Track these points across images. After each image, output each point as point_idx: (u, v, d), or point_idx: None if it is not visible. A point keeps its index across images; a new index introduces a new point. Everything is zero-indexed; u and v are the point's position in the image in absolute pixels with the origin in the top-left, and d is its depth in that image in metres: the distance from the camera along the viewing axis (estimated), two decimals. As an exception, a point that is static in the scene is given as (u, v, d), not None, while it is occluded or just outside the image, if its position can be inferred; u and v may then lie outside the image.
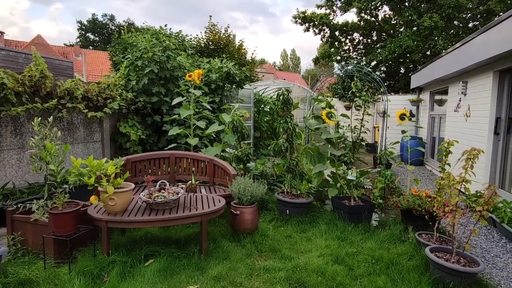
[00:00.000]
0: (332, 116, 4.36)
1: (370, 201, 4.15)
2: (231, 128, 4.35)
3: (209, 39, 14.21)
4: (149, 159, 4.36)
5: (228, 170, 4.03)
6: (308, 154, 4.55)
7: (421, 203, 3.65)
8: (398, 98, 12.82)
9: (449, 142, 3.22)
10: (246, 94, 8.84)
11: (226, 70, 7.03)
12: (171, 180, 4.45)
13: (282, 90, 4.41)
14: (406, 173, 8.40)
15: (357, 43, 18.89)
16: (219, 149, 4.83)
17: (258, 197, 3.56)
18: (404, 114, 4.51)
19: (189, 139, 5.03)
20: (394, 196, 4.02)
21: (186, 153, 4.48)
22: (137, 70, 6.26)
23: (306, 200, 4.16)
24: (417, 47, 13.49)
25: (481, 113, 5.61)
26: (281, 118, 4.39)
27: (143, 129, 6.28)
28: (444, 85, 7.96)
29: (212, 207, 3.08)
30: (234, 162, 4.38)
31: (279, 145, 4.32)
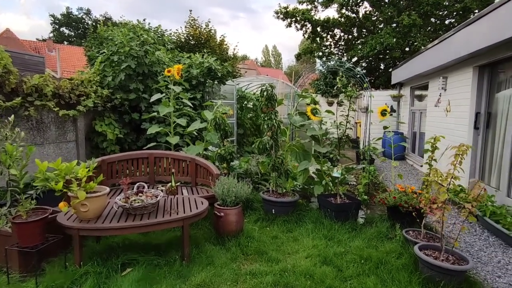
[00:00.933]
0: (317, 112, 4.26)
1: (356, 198, 4.10)
2: (213, 126, 4.18)
3: (189, 34, 13.84)
4: (126, 159, 4.11)
5: (211, 169, 3.86)
6: (293, 152, 4.43)
7: (408, 200, 3.62)
8: (379, 94, 12.97)
9: (435, 138, 3.19)
10: (229, 91, 8.65)
11: (207, 65, 6.80)
12: (150, 182, 4.22)
13: (265, 86, 4.27)
14: (389, 168, 8.49)
15: (338, 39, 18.99)
16: (201, 147, 4.63)
17: (243, 197, 3.41)
18: (385, 110, 4.48)
19: (169, 138, 4.80)
20: (380, 193, 3.98)
21: (166, 153, 4.26)
22: (113, 66, 5.94)
23: (292, 199, 4.05)
24: (397, 44, 13.68)
25: (461, 108, 5.69)
26: (265, 114, 4.25)
27: (121, 127, 5.98)
28: (424, 80, 8.07)
29: (194, 210, 2.91)
30: (217, 161, 4.21)
31: (263, 143, 4.18)
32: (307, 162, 4.16)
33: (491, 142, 5.14)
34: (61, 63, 16.98)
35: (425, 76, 7.83)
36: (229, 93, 8.64)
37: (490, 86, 5.16)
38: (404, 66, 9.30)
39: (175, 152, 4.29)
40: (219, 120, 4.16)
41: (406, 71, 9.03)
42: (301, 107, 7.32)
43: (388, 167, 8.65)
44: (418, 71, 7.74)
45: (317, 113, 4.23)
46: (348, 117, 3.80)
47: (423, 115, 8.50)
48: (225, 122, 4.28)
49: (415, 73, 7.94)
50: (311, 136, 4.14)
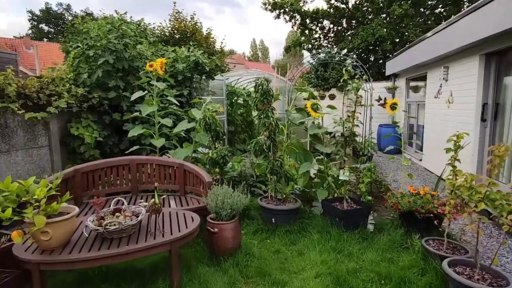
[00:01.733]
0: (318, 108, 3.83)
1: (365, 203, 3.70)
2: (203, 126, 3.71)
3: (174, 27, 13.18)
4: (104, 167, 3.60)
5: (201, 176, 3.39)
6: (292, 152, 4.01)
7: (423, 203, 3.24)
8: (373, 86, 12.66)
9: (458, 135, 2.80)
10: (218, 86, 8.14)
11: (194, 59, 6.27)
12: (133, 191, 3.73)
13: (261, 80, 3.81)
14: (386, 163, 8.19)
15: (327, 31, 18.60)
16: (190, 150, 4.15)
17: (240, 209, 2.96)
18: (395, 103, 4.09)
19: (153, 140, 4.30)
20: (390, 196, 3.59)
21: (150, 158, 3.77)
22: (89, 61, 5.36)
23: (294, 206, 3.63)
24: (389, 36, 13.36)
25: (466, 99, 5.36)
26: (261, 112, 3.80)
27: (101, 129, 5.43)
28: (422, 71, 7.75)
29: (183, 230, 2.45)
30: (209, 165, 3.75)
31: (260, 143, 3.74)
32: (308, 164, 3.74)
33: (499, 135, 4.84)
34: (40, 61, 16.05)
35: (423, 66, 7.50)
36: (218, 89, 8.13)
37: (498, 75, 4.83)
38: (399, 56, 8.97)
39: (160, 157, 3.79)
40: (209, 120, 3.69)
41: (402, 62, 8.70)
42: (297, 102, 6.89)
43: (385, 162, 8.34)
44: (416, 61, 7.40)
45: (318, 108, 3.80)
46: (355, 113, 3.38)
47: (420, 107, 8.20)
48: (216, 121, 3.81)
49: (413, 63, 7.60)
50: (312, 135, 3.72)
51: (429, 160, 7.03)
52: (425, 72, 7.55)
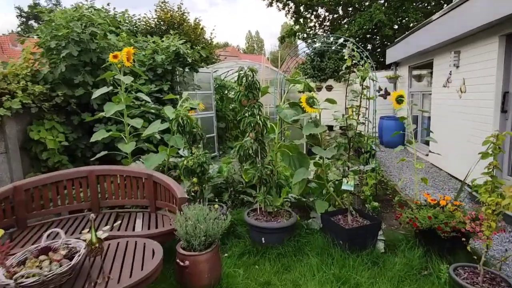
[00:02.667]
0: (314, 102, 3.18)
1: (374, 217, 3.07)
2: (175, 128, 3.06)
3: (160, 18, 12.38)
4: (55, 181, 2.94)
5: (173, 191, 2.75)
6: (285, 155, 3.37)
7: (446, 219, 2.62)
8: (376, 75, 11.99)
9: (498, 136, 2.16)
10: (205, 79, 7.44)
11: (174, 49, 5.58)
12: (94, 209, 3.08)
13: (244, 71, 3.15)
14: (390, 159, 7.58)
15: (323, 19, 17.81)
16: (163, 156, 3.50)
17: (218, 235, 2.33)
18: (402, 96, 3.45)
19: (121, 145, 3.64)
20: (407, 211, 2.96)
21: (113, 168, 3.12)
22: (50, 54, 4.67)
23: (287, 223, 3.00)
24: (388, 21, 12.62)
25: (483, 88, 4.72)
26: (245, 109, 3.15)
27: (70, 131, 4.76)
28: (427, 57, 7.08)
29: (137, 273, 1.81)
30: (184, 175, 3.10)
31: (245, 147, 3.09)
32: (304, 170, 3.10)
33: (522, 128, 4.23)
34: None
35: (429, 52, 6.84)
36: (205, 82, 7.44)
37: (521, 59, 4.20)
38: (401, 43, 8.29)
39: (125, 167, 3.14)
40: (183, 120, 3.04)
41: (404, 49, 8.03)
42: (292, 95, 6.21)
43: (388, 158, 7.73)
44: (421, 47, 6.74)
45: (314, 103, 3.15)
46: (361, 108, 2.74)
47: (425, 97, 7.56)
48: (192, 122, 3.15)
49: (417, 49, 6.93)
50: (309, 135, 3.07)
51: (437, 156, 6.42)
52: (431, 59, 6.89)
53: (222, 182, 4.22)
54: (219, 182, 4.11)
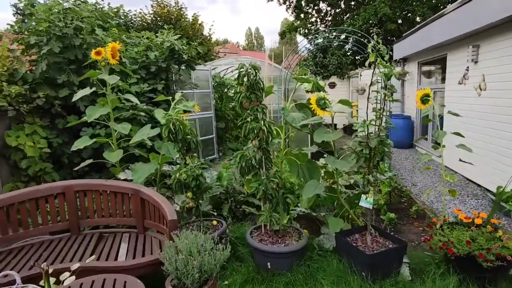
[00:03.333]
0: (326, 104, 2.75)
1: (399, 238, 2.63)
2: (166, 134, 2.63)
3: (156, 13, 11.89)
4: (25, 200, 2.51)
5: (162, 210, 2.33)
6: (292, 165, 2.94)
7: (487, 243, 2.20)
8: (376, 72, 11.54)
9: None
10: (203, 77, 7.00)
11: (168, 45, 5.14)
12: (73, 230, 2.66)
13: (246, 68, 2.72)
14: (400, 160, 7.15)
15: (324, 14, 17.32)
16: (154, 165, 3.08)
17: (215, 269, 1.91)
18: (427, 95, 3.02)
19: (107, 153, 3.21)
20: (437, 231, 2.52)
21: (94, 183, 2.69)
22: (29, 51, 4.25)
23: (297, 246, 2.58)
24: (393, 15, 12.13)
25: (508, 85, 4.28)
26: (247, 112, 2.72)
27: (55, 135, 4.35)
28: (440, 52, 6.63)
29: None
30: (176, 190, 2.68)
31: (247, 157, 2.66)
32: (315, 183, 2.67)
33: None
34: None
35: (441, 47, 6.39)
36: (203, 81, 7.00)
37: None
38: (411, 37, 7.83)
39: (108, 181, 2.71)
40: (175, 127, 2.61)
41: (414, 43, 7.57)
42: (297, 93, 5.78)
43: (398, 159, 7.30)
44: (433, 42, 6.28)
45: (326, 105, 2.72)
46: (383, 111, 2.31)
47: (436, 95, 7.12)
48: (185, 127, 2.73)
49: (429, 44, 6.48)
50: (320, 142, 2.64)
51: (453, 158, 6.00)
52: (444, 54, 6.44)
53: (222, 192, 3.80)
54: (219, 193, 3.69)
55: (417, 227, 3.73)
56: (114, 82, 3.21)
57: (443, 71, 7.11)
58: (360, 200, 2.48)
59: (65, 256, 2.33)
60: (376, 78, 2.39)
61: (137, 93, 4.93)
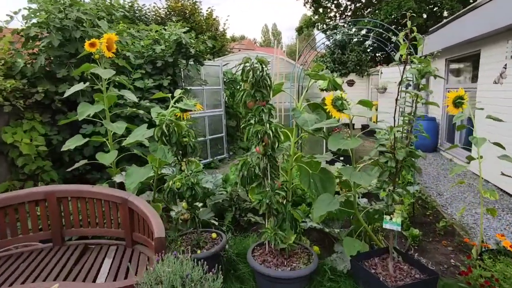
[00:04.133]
0: (344, 105, 2.36)
1: (426, 266, 2.20)
2: (158, 137, 2.32)
3: (170, 7, 11.68)
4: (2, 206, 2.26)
5: (150, 223, 2.02)
6: (303, 174, 2.57)
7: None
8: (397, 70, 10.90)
9: None
10: (213, 73, 6.69)
11: (175, 38, 4.85)
12: (56, 241, 2.39)
13: (250, 63, 2.37)
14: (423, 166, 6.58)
15: (344, 9, 16.64)
16: (150, 170, 2.78)
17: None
18: (461, 97, 2.57)
19: (100, 155, 2.94)
20: (476, 262, 2.09)
21: (79, 188, 2.41)
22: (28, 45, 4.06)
23: (306, 270, 2.20)
24: (419, 9, 11.40)
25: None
26: (251, 113, 2.37)
27: (55, 132, 4.17)
28: (472, 48, 6.03)
29: None
30: (168, 199, 2.37)
31: (249, 164, 2.31)
32: (328, 198, 2.29)
33: None
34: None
35: (475, 42, 5.79)
36: (213, 77, 6.68)
37: None
38: (439, 32, 7.23)
39: (96, 187, 2.42)
40: (169, 128, 2.29)
41: (442, 38, 6.97)
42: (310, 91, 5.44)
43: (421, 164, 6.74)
44: (466, 37, 5.70)
45: (343, 106, 2.33)
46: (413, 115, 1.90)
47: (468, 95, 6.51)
48: (181, 129, 2.41)
49: (461, 39, 5.90)
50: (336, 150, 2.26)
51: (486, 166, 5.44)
52: (476, 50, 5.84)
53: (226, 199, 3.47)
54: (221, 200, 3.36)
55: (445, 246, 3.28)
56: (109, 77, 2.93)
57: (474, 69, 6.50)
58: (384, 221, 2.08)
59: (41, 272, 2.06)
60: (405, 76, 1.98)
61: (141, 89, 4.68)
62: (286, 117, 6.31)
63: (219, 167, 6.54)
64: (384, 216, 2.07)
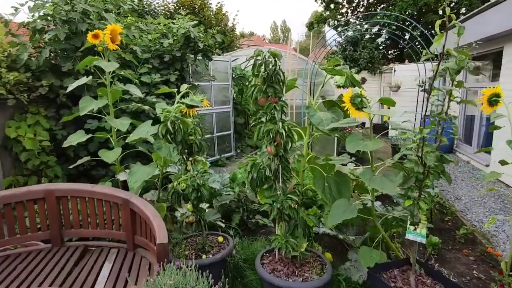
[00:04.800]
0: (364, 103, 2.17)
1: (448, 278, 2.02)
2: (162, 134, 2.16)
3: (179, 1, 11.52)
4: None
5: (152, 227, 1.88)
6: (317, 177, 2.39)
7: None
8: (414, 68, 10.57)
9: None
10: (222, 69, 6.53)
11: (183, 32, 4.69)
12: (54, 241, 2.28)
13: (263, 56, 2.20)
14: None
15: (356, 4, 16.26)
16: (154, 169, 2.64)
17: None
18: (498, 94, 2.35)
19: (103, 152, 2.81)
20: (505, 279, 1.90)
21: (79, 188, 2.29)
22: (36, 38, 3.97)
23: (318, 282, 2.03)
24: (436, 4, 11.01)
25: None
26: (262, 110, 2.20)
27: (60, 127, 4.09)
28: (493, 46, 5.74)
29: None
30: (173, 201, 2.22)
31: (259, 166, 2.15)
32: (345, 204, 2.11)
33: None
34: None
35: (497, 39, 5.50)
36: (222, 72, 6.52)
37: None
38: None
39: (96, 187, 2.29)
40: (174, 126, 2.14)
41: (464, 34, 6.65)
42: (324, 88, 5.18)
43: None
44: (488, 33, 5.41)
45: (363, 104, 2.14)
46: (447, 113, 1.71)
47: (486, 94, 6.21)
48: (188, 127, 2.25)
49: (483, 35, 5.60)
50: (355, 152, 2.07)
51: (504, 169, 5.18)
52: (499, 47, 5.55)
53: (234, 200, 3.32)
54: (228, 202, 3.21)
55: (466, 256, 3.07)
56: (113, 70, 2.79)
57: (495, 67, 6.20)
58: (407, 231, 1.89)
59: (38, 275, 1.95)
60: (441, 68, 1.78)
61: (148, 84, 4.55)
62: (298, 115, 6.12)
63: (226, 165, 6.40)
64: (408, 226, 1.88)
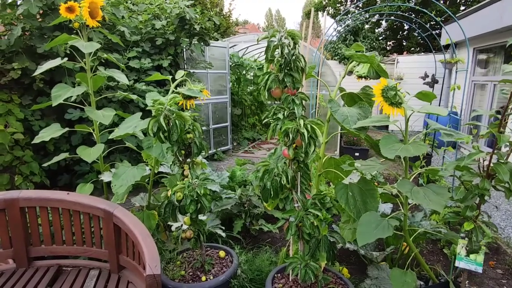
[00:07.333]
0: (399, 97, 1.78)
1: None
2: (153, 131, 1.73)
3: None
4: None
5: (140, 249, 1.48)
6: (339, 185, 2.01)
7: None
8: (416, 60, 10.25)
9: None
10: (219, 56, 6.04)
11: (177, 12, 4.20)
12: (20, 262, 1.85)
13: (279, 36, 1.77)
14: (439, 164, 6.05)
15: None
16: (143, 171, 2.21)
17: None
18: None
19: (81, 150, 2.37)
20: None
21: (50, 196, 1.85)
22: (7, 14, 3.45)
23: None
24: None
25: None
26: (277, 105, 1.80)
27: (38, 117, 3.64)
28: (507, 37, 5.40)
29: None
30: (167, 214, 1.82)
31: (274, 173, 1.75)
32: (374, 220, 1.74)
33: None
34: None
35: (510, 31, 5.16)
36: (219, 60, 6.04)
37: None
38: (469, 18, 6.55)
39: (72, 195, 1.86)
40: (169, 121, 1.72)
41: (473, 25, 6.30)
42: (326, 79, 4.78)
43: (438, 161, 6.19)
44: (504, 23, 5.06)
45: (398, 99, 1.75)
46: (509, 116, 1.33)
47: (497, 88, 5.93)
48: (186, 122, 1.83)
49: (499, 25, 5.25)
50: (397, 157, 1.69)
51: None
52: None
53: (235, 204, 2.92)
54: (229, 207, 2.81)
55: (492, 268, 2.77)
56: (92, 52, 2.32)
57: (507, 60, 5.89)
58: (457, 257, 1.54)
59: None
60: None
61: (137, 70, 4.08)
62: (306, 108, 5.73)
63: (223, 159, 6.00)
64: (458, 252, 1.53)
